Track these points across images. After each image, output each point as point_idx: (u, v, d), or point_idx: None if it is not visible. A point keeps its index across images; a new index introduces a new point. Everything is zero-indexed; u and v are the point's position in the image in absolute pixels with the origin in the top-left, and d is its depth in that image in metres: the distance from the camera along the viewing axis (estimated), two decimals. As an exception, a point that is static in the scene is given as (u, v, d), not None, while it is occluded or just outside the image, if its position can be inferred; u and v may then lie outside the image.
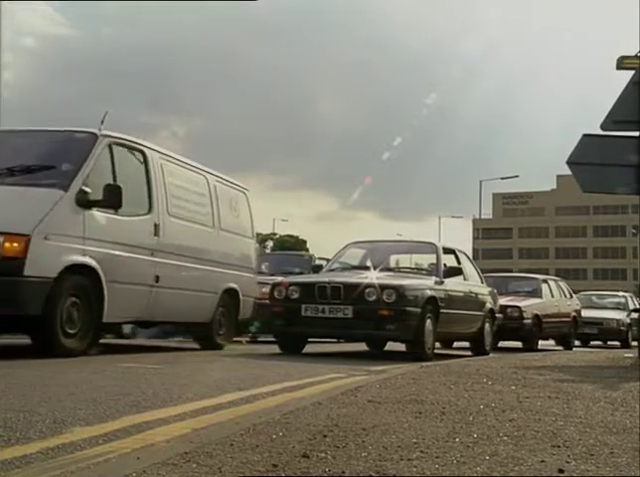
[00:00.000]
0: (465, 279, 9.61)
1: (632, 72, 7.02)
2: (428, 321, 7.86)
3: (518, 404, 3.68)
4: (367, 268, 8.79)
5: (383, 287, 7.59)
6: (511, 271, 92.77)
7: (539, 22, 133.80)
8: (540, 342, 13.53)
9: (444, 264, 8.97)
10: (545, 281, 14.47)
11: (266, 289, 9.02)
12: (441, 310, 8.16)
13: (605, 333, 17.71)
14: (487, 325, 9.90)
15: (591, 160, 7.12)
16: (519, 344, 13.00)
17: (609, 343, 18.18)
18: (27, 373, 4.81)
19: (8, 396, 3.57)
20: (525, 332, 12.49)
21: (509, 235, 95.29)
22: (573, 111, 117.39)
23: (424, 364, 6.58)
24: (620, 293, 20.56)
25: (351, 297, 7.61)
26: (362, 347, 9.99)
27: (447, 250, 9.58)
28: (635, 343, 17.07)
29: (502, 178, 48.36)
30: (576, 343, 18.11)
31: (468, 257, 10.50)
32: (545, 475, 2.13)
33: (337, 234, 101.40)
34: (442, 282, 8.54)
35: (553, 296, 14.22)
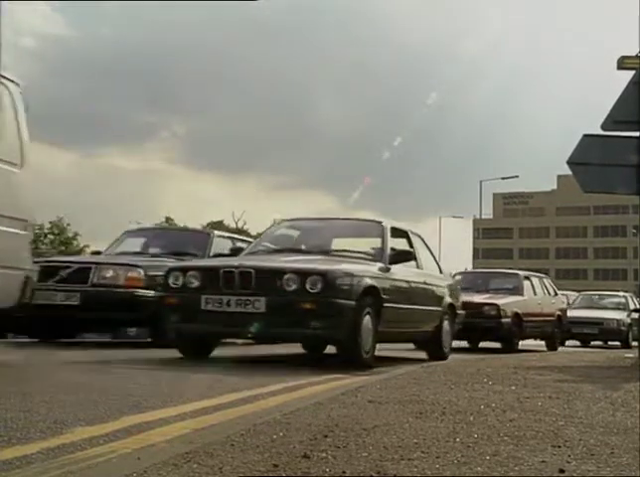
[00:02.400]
0: (419, 267, 7.98)
1: (633, 72, 7.01)
2: (367, 317, 6.22)
3: (518, 405, 3.68)
4: (297, 252, 7.23)
5: (306, 273, 5.94)
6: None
7: (539, 22, 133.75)
8: (524, 342, 12.74)
9: (392, 248, 7.29)
10: (527, 278, 13.54)
11: (135, 274, 7.90)
12: (385, 304, 6.53)
13: (605, 333, 17.58)
14: (446, 323, 8.21)
15: (592, 160, 7.12)
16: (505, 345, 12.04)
17: (609, 343, 18.07)
18: (28, 372, 4.81)
19: (8, 395, 3.57)
20: (503, 332, 11.61)
21: (509, 235, 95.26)
22: (574, 111, 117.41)
23: (424, 364, 6.58)
24: (621, 293, 20.42)
25: (265, 286, 5.97)
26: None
27: (398, 232, 7.89)
28: (635, 343, 17.14)
29: (502, 178, 48.28)
30: (576, 343, 17.98)
31: (424, 242, 8.81)
32: (545, 475, 2.13)
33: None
34: (388, 270, 6.92)
35: (535, 294, 13.31)
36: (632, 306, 18.32)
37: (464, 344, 12.17)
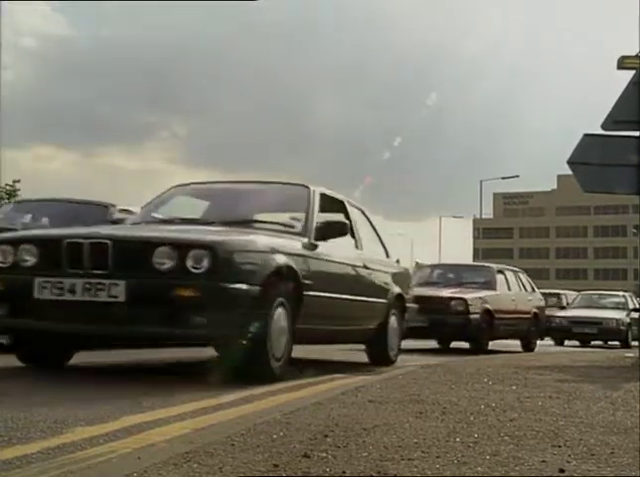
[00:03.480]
0: (358, 248, 6.35)
1: (633, 72, 7.01)
2: (279, 310, 4.59)
3: (519, 404, 3.68)
4: (190, 222, 5.46)
5: (186, 246, 4.26)
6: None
7: (539, 22, 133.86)
8: (496, 342, 11.68)
9: (321, 221, 5.48)
10: (500, 272, 12.40)
11: None
12: (307, 292, 4.94)
13: (605, 333, 17.49)
14: (393, 320, 6.73)
15: (592, 160, 7.12)
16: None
17: (609, 343, 18.02)
18: (29, 372, 4.81)
19: (9, 395, 3.57)
20: (471, 329, 10.46)
21: (509, 234, 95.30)
22: (574, 111, 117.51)
23: (425, 364, 6.58)
24: (620, 293, 20.30)
25: (127, 265, 4.28)
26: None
27: (331, 201, 6.09)
28: (635, 343, 17.09)
29: (502, 178, 48.35)
30: (575, 343, 17.86)
31: (368, 218, 7.09)
32: (546, 475, 2.13)
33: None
34: (314, 247, 5.26)
35: (509, 289, 12.25)
36: (631, 306, 18.25)
37: (433, 344, 11.67)
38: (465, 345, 11.06)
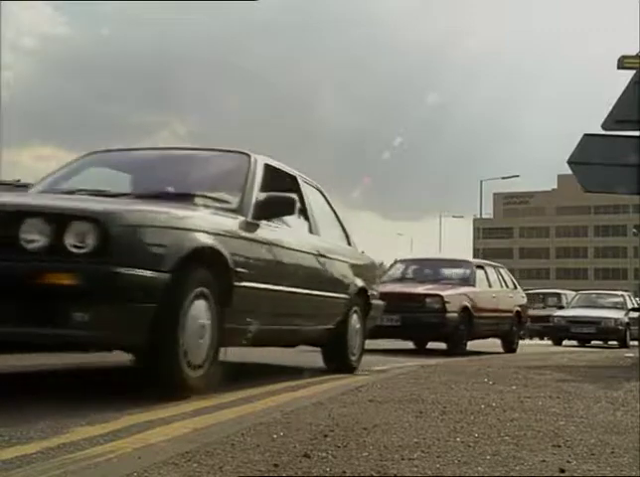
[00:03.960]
0: (313, 232, 5.34)
1: (633, 71, 7.01)
2: (198, 303, 3.63)
3: (519, 404, 3.68)
4: (103, 195, 4.25)
5: (64, 217, 3.19)
6: (512, 272, 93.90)
7: (539, 21, 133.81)
8: (475, 342, 10.84)
9: (263, 197, 4.47)
10: (480, 267, 11.63)
11: None
12: (239, 282, 3.96)
13: (603, 332, 17.37)
14: (354, 319, 5.73)
15: (592, 160, 7.12)
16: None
17: (608, 343, 18.00)
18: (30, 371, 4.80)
19: (9, 395, 3.57)
20: (448, 329, 9.62)
21: (510, 234, 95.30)
22: (574, 111, 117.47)
23: (425, 363, 6.57)
24: (619, 292, 20.22)
25: None
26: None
27: (279, 175, 5.10)
28: (633, 342, 16.93)
29: (503, 178, 48.39)
30: (574, 343, 17.70)
31: (327, 198, 5.99)
32: (546, 475, 2.12)
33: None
34: (253, 227, 4.29)
35: (490, 286, 11.46)
36: (630, 305, 18.17)
37: (409, 345, 10.93)
38: (442, 345, 10.17)
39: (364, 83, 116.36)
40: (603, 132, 7.09)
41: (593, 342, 17.75)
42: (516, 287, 12.70)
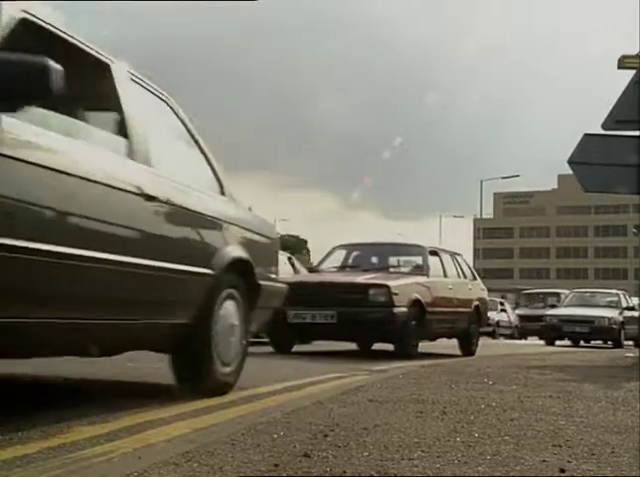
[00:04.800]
0: (134, 157, 3.21)
1: (633, 71, 7.01)
2: None
3: (519, 404, 3.68)
4: None
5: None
6: (512, 272, 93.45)
7: (540, 21, 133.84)
8: (427, 343, 9.25)
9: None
10: (434, 253, 9.66)
11: None
12: None
13: (596, 332, 16.84)
14: (225, 309, 3.82)
15: (593, 160, 7.12)
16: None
17: (597, 342, 17.40)
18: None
19: (9, 395, 3.57)
20: (396, 326, 7.82)
21: (510, 234, 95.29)
22: (575, 111, 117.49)
23: (424, 363, 6.57)
24: (614, 291, 19.54)
25: None
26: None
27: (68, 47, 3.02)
28: (629, 342, 16.48)
29: (503, 177, 48.39)
30: (567, 343, 16.96)
31: (182, 119, 4.06)
32: (546, 475, 2.13)
33: (337, 234, 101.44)
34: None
35: (446, 276, 9.59)
36: (625, 304, 17.77)
37: (351, 346, 9.39)
38: (389, 347, 8.45)
39: (364, 84, 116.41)
40: (603, 132, 7.09)
41: (593, 342, 17.39)
42: (475, 278, 10.92)
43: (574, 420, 3.16)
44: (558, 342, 16.91)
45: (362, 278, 8.36)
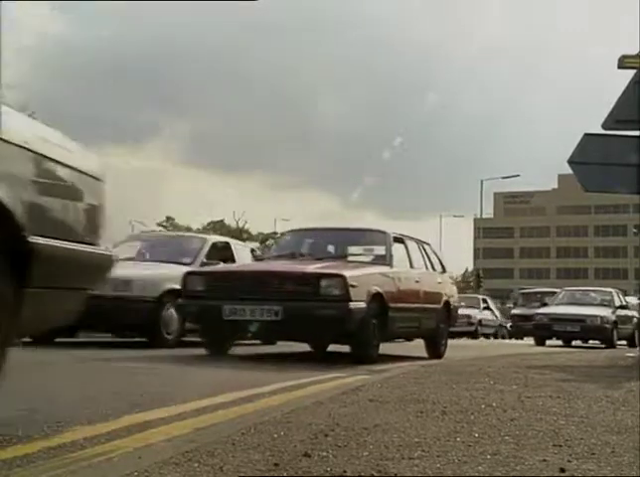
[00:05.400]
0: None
1: (633, 71, 7.01)
2: None
3: (519, 404, 3.68)
4: None
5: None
6: (512, 272, 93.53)
7: (540, 21, 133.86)
8: (388, 344, 8.24)
9: None
10: (399, 241, 8.31)
11: None
12: None
13: (588, 331, 16.00)
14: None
15: (593, 159, 7.12)
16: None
17: (594, 342, 16.46)
18: (29, 371, 4.81)
19: (10, 394, 3.58)
20: (353, 325, 6.56)
21: (510, 234, 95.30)
22: (575, 110, 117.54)
23: (423, 363, 6.57)
24: (608, 289, 18.62)
25: None
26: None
27: None
28: (622, 342, 16.05)
29: (503, 177, 48.38)
30: (559, 342, 16.23)
31: None
32: (546, 474, 2.13)
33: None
34: None
35: (412, 266, 8.29)
36: (618, 303, 17.02)
37: (303, 347, 8.49)
38: (345, 348, 7.23)
39: (364, 84, 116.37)
40: (603, 132, 7.08)
41: (589, 341, 16.61)
42: (444, 270, 9.56)
43: (575, 420, 3.16)
44: (548, 342, 16.36)
45: (313, 267, 7.06)
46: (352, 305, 6.54)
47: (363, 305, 6.68)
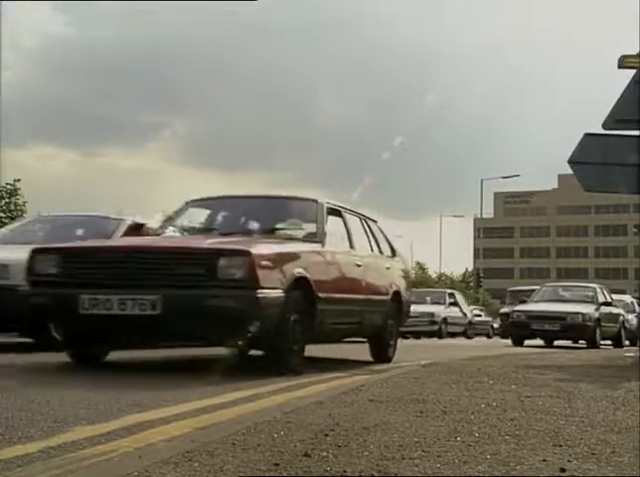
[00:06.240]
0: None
1: (633, 71, 7.01)
2: None
3: (519, 404, 3.68)
4: None
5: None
6: (512, 271, 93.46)
7: (540, 20, 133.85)
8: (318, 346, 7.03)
9: None
10: (336, 214, 6.55)
11: None
12: None
13: (569, 329, 14.71)
14: None
15: (593, 159, 7.12)
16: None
17: (579, 342, 15.35)
18: (29, 371, 4.81)
19: (9, 394, 3.57)
20: (262, 321, 4.84)
21: (510, 234, 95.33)
22: (575, 110, 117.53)
23: (425, 363, 6.57)
24: (592, 285, 17.46)
25: None
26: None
27: None
28: (607, 342, 15.32)
29: (503, 177, 48.35)
30: (540, 343, 15.02)
31: None
32: (547, 474, 2.13)
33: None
34: None
35: (353, 247, 6.59)
36: (602, 299, 15.79)
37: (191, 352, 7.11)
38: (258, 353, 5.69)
39: (364, 83, 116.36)
40: (604, 132, 7.08)
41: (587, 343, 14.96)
42: (394, 254, 7.80)
43: (575, 420, 3.16)
44: (528, 341, 15.13)
45: (208, 243, 5.33)
46: (262, 294, 4.78)
47: (279, 294, 4.95)
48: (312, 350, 6.18)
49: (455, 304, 22.20)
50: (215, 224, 6.60)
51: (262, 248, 5.12)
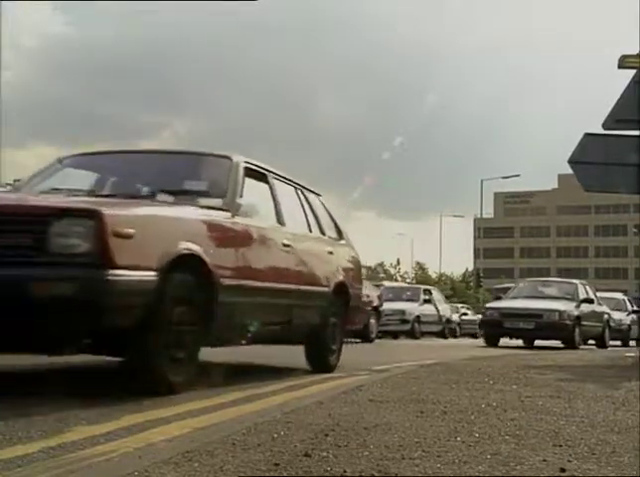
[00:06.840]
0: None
1: (634, 70, 7.01)
2: None
3: (519, 404, 3.68)
4: None
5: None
6: (512, 271, 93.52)
7: (540, 20, 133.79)
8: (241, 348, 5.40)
9: None
10: (260, 177, 5.14)
11: None
12: None
13: (544, 328, 13.34)
14: None
15: (593, 159, 7.12)
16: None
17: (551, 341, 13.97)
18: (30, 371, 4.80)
19: (9, 394, 3.57)
20: (117, 315, 3.40)
21: (510, 234, 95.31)
22: (575, 110, 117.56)
23: (425, 363, 6.57)
24: (572, 281, 16.02)
25: None
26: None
27: None
28: (590, 342, 14.53)
29: (503, 177, 48.33)
30: (514, 342, 13.97)
31: None
32: (547, 474, 2.12)
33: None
34: None
35: (281, 222, 5.16)
36: (583, 296, 14.59)
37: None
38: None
39: (364, 84, 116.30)
40: (604, 132, 7.08)
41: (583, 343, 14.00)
42: (341, 237, 6.40)
43: (575, 420, 3.16)
44: (502, 341, 14.03)
45: (38, 200, 3.97)
46: (116, 276, 3.33)
47: (148, 277, 3.52)
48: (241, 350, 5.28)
49: (429, 302, 19.74)
50: (92, 185, 4.88)
51: (122, 210, 3.63)
